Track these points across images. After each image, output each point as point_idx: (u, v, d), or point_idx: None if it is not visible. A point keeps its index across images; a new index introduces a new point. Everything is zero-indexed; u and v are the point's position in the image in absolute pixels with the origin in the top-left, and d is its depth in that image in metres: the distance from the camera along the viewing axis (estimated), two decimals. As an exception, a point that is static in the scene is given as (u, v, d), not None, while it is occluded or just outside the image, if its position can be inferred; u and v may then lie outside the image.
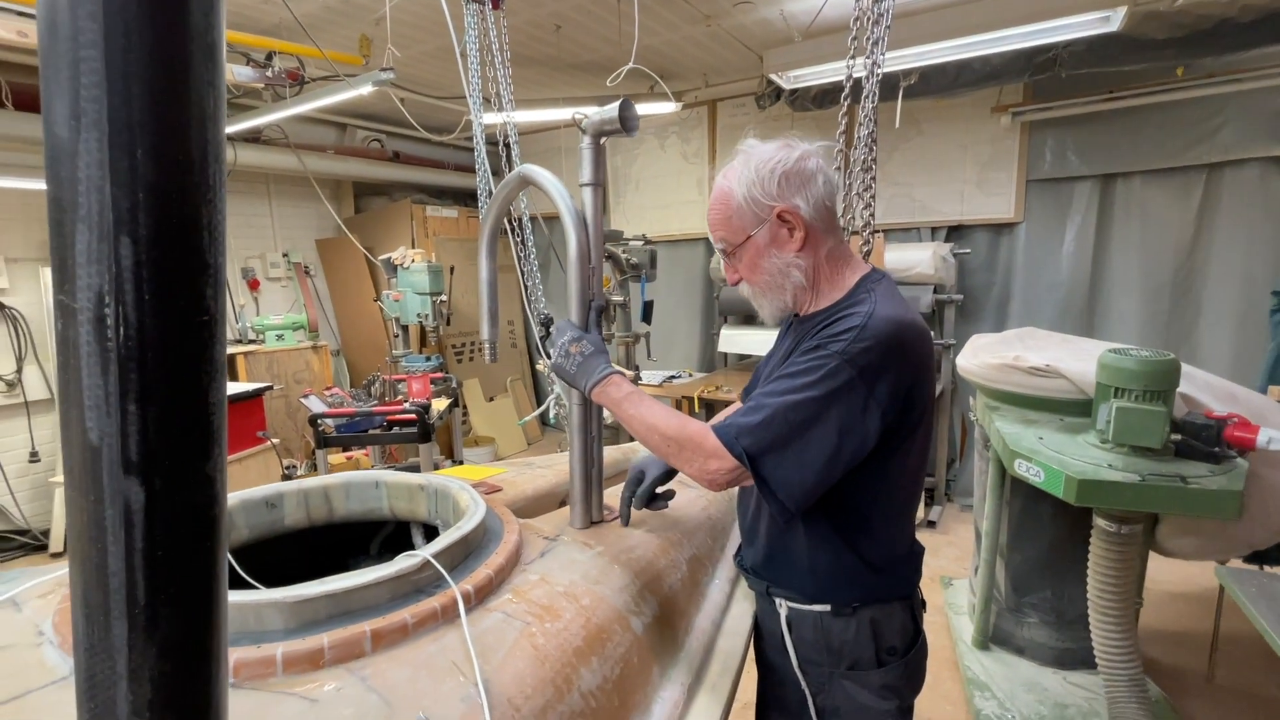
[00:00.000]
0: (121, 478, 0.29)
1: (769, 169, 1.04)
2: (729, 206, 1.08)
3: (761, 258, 1.08)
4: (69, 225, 0.26)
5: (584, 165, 1.19)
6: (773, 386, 1.02)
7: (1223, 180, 3.51)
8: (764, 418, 0.98)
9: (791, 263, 1.07)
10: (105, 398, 0.27)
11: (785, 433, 0.97)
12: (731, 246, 1.11)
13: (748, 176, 1.05)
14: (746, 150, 1.08)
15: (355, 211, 5.74)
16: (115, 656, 0.31)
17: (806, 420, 0.97)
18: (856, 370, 0.96)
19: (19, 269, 3.83)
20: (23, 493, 3.89)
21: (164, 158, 0.26)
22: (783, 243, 1.07)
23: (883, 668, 1.11)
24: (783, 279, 1.08)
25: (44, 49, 0.25)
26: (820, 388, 0.96)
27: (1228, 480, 1.61)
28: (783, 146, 1.07)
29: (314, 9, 3.20)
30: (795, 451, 0.98)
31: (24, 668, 0.76)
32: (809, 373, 0.98)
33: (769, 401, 0.99)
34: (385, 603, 0.86)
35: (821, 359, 0.97)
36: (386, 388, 3.56)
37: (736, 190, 1.06)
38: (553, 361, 1.17)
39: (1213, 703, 2.38)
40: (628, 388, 1.12)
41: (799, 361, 1.01)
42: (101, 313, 0.26)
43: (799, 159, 1.05)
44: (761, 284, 1.11)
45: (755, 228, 1.07)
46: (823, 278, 1.09)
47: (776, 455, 0.98)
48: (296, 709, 0.69)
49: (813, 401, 0.96)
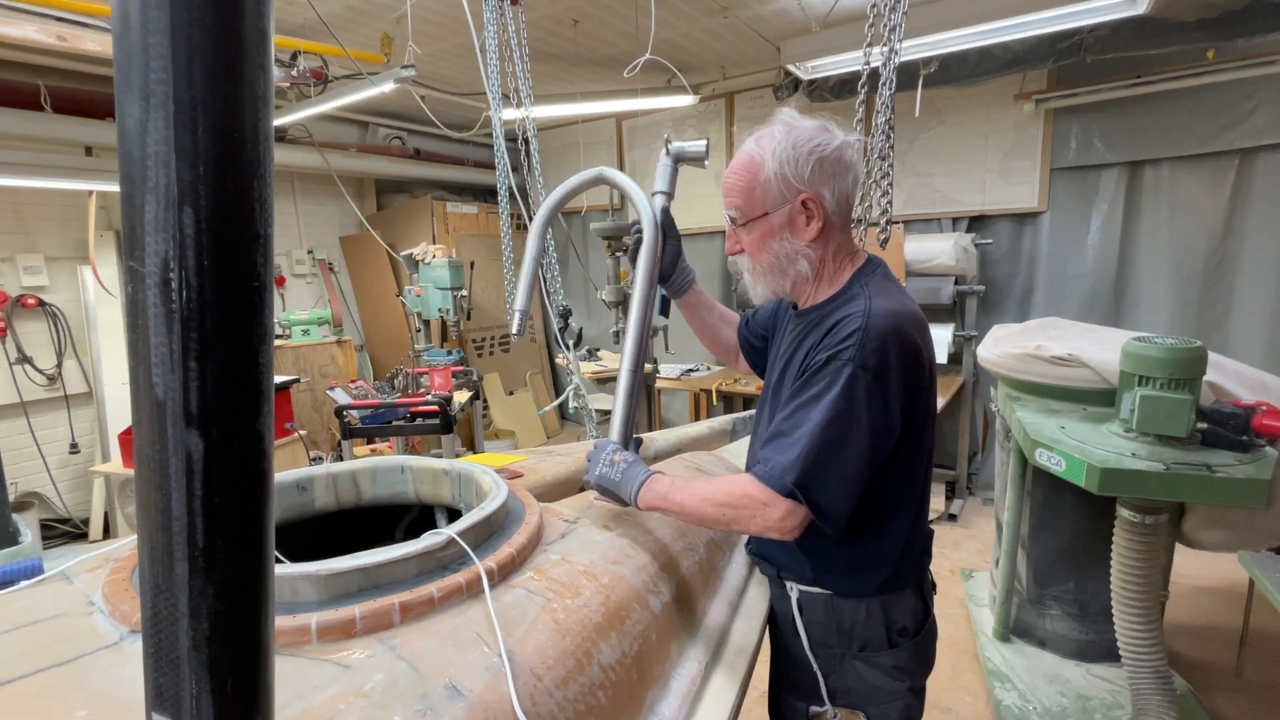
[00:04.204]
0: (184, 429, 0.32)
1: (807, 150, 1.00)
2: (755, 177, 1.03)
3: (772, 238, 1.06)
4: (139, 197, 0.28)
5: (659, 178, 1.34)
6: (798, 414, 1.00)
7: (1255, 166, 3.41)
8: (801, 449, 0.97)
9: (801, 251, 1.05)
10: (170, 355, 0.30)
11: (825, 455, 0.97)
12: (745, 218, 1.07)
13: (785, 152, 1.00)
14: (787, 122, 1.03)
15: (377, 208, 5.83)
16: (177, 595, 0.34)
17: (840, 435, 0.97)
18: (872, 374, 0.97)
19: (58, 267, 3.97)
20: (64, 483, 4.04)
21: (221, 134, 0.29)
22: (799, 229, 1.05)
23: (894, 649, 1.12)
24: (788, 265, 1.06)
25: (117, 37, 0.28)
26: (844, 400, 0.97)
27: (1256, 469, 1.58)
28: (821, 129, 1.02)
29: (337, 8, 3.26)
30: (837, 467, 0.98)
31: (77, 634, 0.81)
32: (829, 389, 0.98)
33: (801, 432, 0.99)
34: (413, 577, 0.90)
35: (835, 371, 0.98)
36: (409, 381, 3.63)
37: (769, 163, 1.02)
38: (597, 472, 1.15)
39: (1241, 697, 2.34)
40: (669, 480, 1.10)
41: (815, 381, 1.00)
42: (167, 277, 0.29)
43: (838, 148, 1.02)
44: (764, 264, 1.08)
45: (776, 206, 1.03)
46: (827, 272, 1.09)
47: (822, 479, 0.97)
48: (331, 674, 0.73)
49: (842, 416, 0.97)
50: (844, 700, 1.14)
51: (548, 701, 0.76)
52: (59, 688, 0.71)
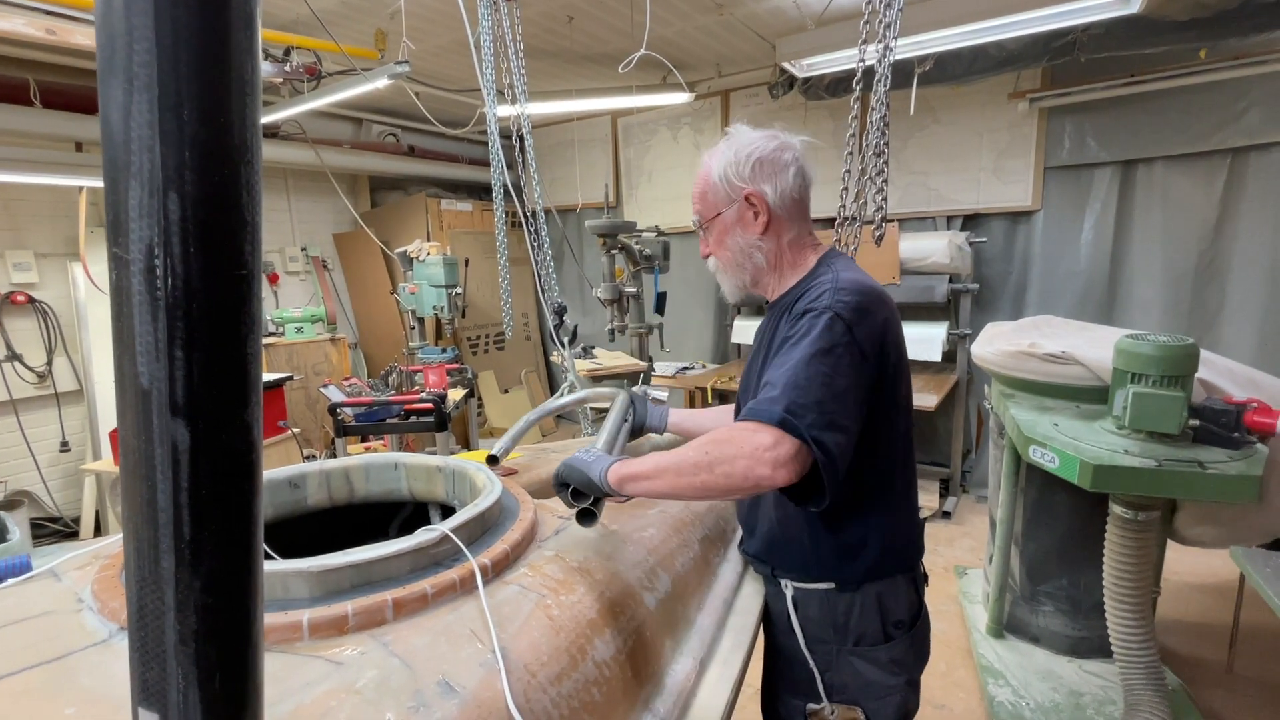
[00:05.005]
0: (169, 419, 0.31)
1: (746, 153, 1.11)
2: (706, 183, 1.16)
3: (728, 235, 1.16)
4: (123, 182, 0.28)
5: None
6: (778, 362, 1.01)
7: (1248, 165, 3.44)
8: (786, 383, 0.96)
9: (754, 244, 1.15)
10: (155, 344, 0.30)
11: (810, 387, 0.95)
12: (703, 220, 1.19)
13: (727, 157, 1.13)
14: (731, 134, 1.16)
15: (371, 206, 5.80)
16: (164, 588, 0.33)
17: (826, 372, 0.96)
18: (847, 322, 1.00)
19: (48, 264, 3.93)
20: (54, 481, 4.01)
21: (208, 119, 0.28)
22: (748, 224, 1.14)
23: (889, 642, 1.12)
24: (744, 259, 1.16)
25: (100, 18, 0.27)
26: (825, 339, 0.99)
27: (1246, 465, 1.59)
28: (765, 136, 1.13)
29: (330, 3, 3.24)
30: (827, 401, 0.94)
31: (66, 631, 0.80)
32: (808, 333, 1.00)
33: (785, 370, 0.98)
34: (406, 574, 0.89)
35: (812, 319, 1.01)
36: (403, 378, 3.61)
37: (714, 169, 1.14)
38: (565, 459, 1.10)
39: (1231, 693, 2.36)
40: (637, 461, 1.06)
41: (794, 331, 1.03)
42: (151, 263, 0.29)
43: (776, 149, 1.12)
44: (725, 260, 1.19)
45: (726, 206, 1.15)
46: (785, 262, 1.17)
47: (815, 412, 0.93)
48: (323, 670, 0.72)
49: (823, 353, 0.98)
50: (841, 696, 1.14)
51: (541, 698, 0.76)
52: (47, 685, 0.70)
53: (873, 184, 1.90)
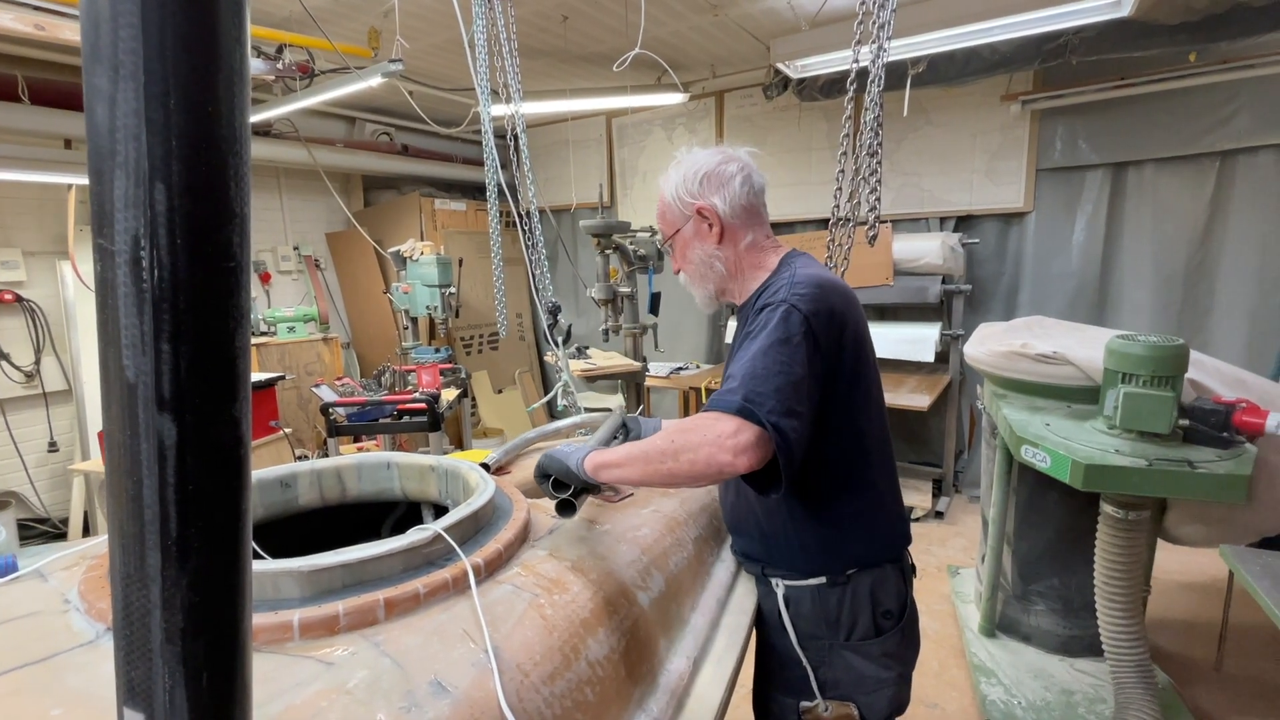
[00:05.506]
0: (155, 414, 0.30)
1: (694, 171, 1.19)
2: (664, 203, 1.25)
3: (688, 248, 1.23)
4: (108, 172, 0.27)
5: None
6: (739, 356, 1.06)
7: (1236, 168, 3.47)
8: (745, 374, 1.00)
9: (713, 254, 1.21)
10: (140, 337, 0.29)
11: (767, 374, 0.99)
12: (665, 239, 1.27)
13: (676, 178, 1.21)
14: (680, 157, 1.24)
15: (364, 205, 5.77)
16: (150, 586, 0.33)
17: (783, 360, 1.00)
18: (804, 312, 1.03)
19: (36, 262, 3.89)
20: (42, 482, 3.96)
21: (195, 108, 0.28)
22: (704, 236, 1.21)
23: (881, 635, 1.13)
24: (707, 269, 1.23)
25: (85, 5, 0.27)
26: (781, 329, 1.02)
27: (1235, 465, 1.61)
28: (713, 152, 1.21)
29: (323, 1, 3.22)
30: (784, 388, 0.98)
31: (52, 632, 0.79)
32: (766, 325, 1.04)
33: (742, 366, 1.02)
34: (398, 573, 0.89)
35: (769, 312, 1.05)
36: (397, 378, 3.59)
37: (668, 190, 1.23)
38: (547, 452, 1.15)
39: (1220, 690, 2.38)
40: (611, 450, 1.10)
41: (754, 326, 1.07)
42: (137, 255, 0.28)
43: (721, 162, 1.18)
44: (691, 273, 1.26)
45: (683, 223, 1.22)
46: (746, 265, 1.22)
47: (773, 399, 0.96)
48: (313, 671, 0.72)
49: (780, 343, 1.02)
50: (834, 692, 1.14)
51: (534, 697, 0.76)
52: (33, 686, 0.69)
53: (866, 185, 1.90)
